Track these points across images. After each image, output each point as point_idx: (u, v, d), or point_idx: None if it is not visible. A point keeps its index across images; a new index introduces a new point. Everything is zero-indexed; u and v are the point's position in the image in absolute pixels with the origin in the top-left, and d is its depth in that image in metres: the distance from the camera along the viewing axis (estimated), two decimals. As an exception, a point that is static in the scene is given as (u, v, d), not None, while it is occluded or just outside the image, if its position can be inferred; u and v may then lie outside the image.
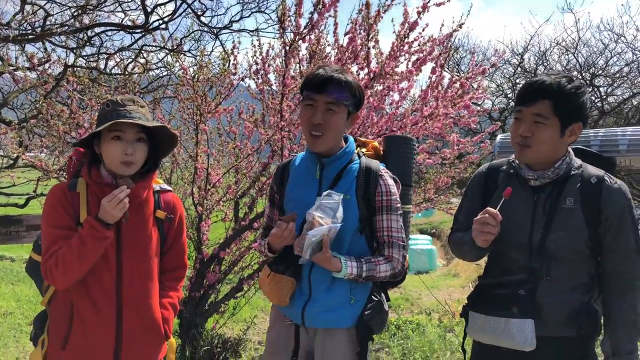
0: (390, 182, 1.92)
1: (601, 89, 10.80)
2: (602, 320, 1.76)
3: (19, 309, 6.00)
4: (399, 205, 1.92)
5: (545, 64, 11.40)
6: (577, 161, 1.80)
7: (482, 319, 1.80)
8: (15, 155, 6.33)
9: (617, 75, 10.73)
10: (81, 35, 6.27)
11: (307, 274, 1.88)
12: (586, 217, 1.71)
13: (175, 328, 4.14)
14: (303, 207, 1.84)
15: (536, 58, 12.23)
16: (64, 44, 5.99)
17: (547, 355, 1.74)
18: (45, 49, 6.00)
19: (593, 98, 10.74)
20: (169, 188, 2.01)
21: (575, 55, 10.85)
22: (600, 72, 10.75)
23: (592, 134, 2.13)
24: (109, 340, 1.78)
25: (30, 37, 5.38)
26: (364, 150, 2.05)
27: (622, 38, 15.18)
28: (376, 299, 1.91)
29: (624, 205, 1.72)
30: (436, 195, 5.64)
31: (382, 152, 2.15)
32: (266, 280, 1.94)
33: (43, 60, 5.55)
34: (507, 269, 1.81)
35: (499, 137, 2.40)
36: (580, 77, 10.61)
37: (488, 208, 1.73)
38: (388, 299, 2.01)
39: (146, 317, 1.85)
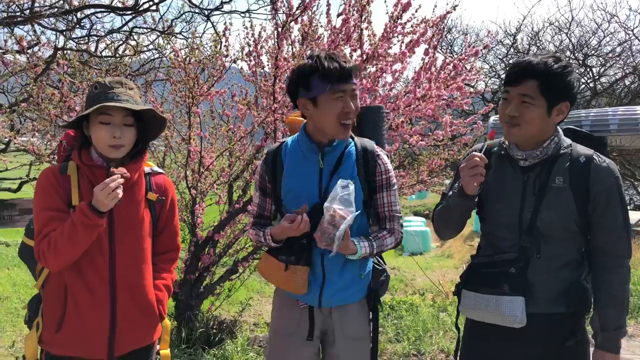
0: (386, 159, 2.00)
1: (594, 69, 10.79)
2: (592, 298, 1.80)
3: (15, 294, 6.02)
4: (394, 180, 2.02)
5: (539, 44, 11.35)
6: (567, 140, 1.82)
7: (474, 296, 1.83)
8: (7, 139, 6.27)
9: (610, 55, 10.70)
10: (70, 17, 6.17)
11: (320, 260, 1.92)
12: (575, 195, 1.74)
13: (171, 310, 4.18)
14: (304, 197, 1.90)
15: (529, 38, 12.18)
16: (53, 26, 5.91)
17: (538, 331, 1.78)
18: (35, 31, 5.92)
19: (585, 79, 10.74)
20: (160, 170, 2.01)
21: (569, 35, 10.81)
22: (592, 52, 10.72)
23: (583, 114, 2.16)
24: (104, 321, 1.80)
25: (18, 19, 5.29)
26: None
27: (615, 17, 15.16)
28: (380, 268, 2.06)
29: (612, 183, 1.74)
30: (429, 178, 5.65)
31: (356, 123, 2.20)
32: (279, 273, 1.93)
33: (32, 43, 5.48)
34: (498, 248, 1.85)
35: (492, 118, 2.44)
36: (572, 57, 10.58)
37: (473, 152, 1.78)
38: (384, 262, 2.14)
39: (140, 298, 1.86)
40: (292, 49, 3.84)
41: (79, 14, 6.22)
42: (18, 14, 5.33)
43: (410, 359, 4.08)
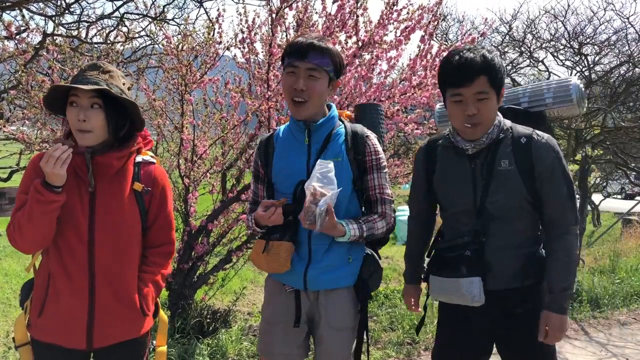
0: (376, 142, 2.00)
1: (589, 58, 10.75)
2: None
3: (7, 284, 5.98)
4: (385, 163, 2.02)
5: (534, 32, 11.29)
6: (507, 122, 1.91)
7: (439, 281, 1.93)
8: (-5, 127, 6.17)
9: (605, 43, 10.67)
10: (59, 3, 6.06)
11: (307, 238, 1.91)
12: (522, 176, 1.83)
13: (164, 300, 4.15)
14: (294, 175, 1.93)
15: (524, 26, 12.13)
16: (42, 11, 5.79)
17: (500, 305, 1.88)
18: (23, 16, 5.80)
19: (580, 67, 10.72)
20: (153, 160, 1.92)
21: (564, 23, 10.74)
22: (588, 40, 10.67)
23: (520, 91, 2.24)
24: (82, 310, 1.75)
25: (6, 4, 5.18)
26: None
27: (612, 5, 15.09)
28: (372, 257, 2.01)
29: (553, 157, 1.84)
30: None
31: (354, 120, 2.20)
32: (262, 255, 1.93)
33: (21, 28, 5.38)
34: (458, 232, 1.94)
35: (438, 106, 2.47)
36: (568, 45, 10.55)
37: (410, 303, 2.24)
38: (379, 257, 2.09)
39: (120, 290, 1.80)
40: (286, 35, 3.79)
41: None
42: (6, -1, 5.21)
43: (405, 348, 4.08)
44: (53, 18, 5.97)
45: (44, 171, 1.65)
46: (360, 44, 3.51)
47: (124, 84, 1.79)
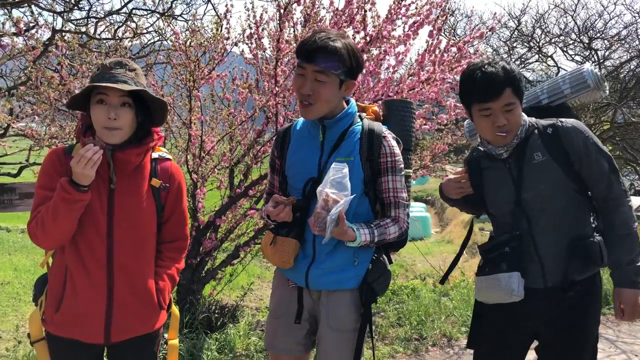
0: (394, 143, 1.92)
1: (599, 52, 10.67)
2: (601, 250, 1.86)
3: (17, 279, 6.04)
4: (402, 166, 1.94)
5: (543, 27, 11.21)
6: (530, 119, 1.93)
7: (481, 280, 1.93)
8: (5, 124, 6.22)
9: (615, 38, 10.57)
10: (68, -1, 6.08)
11: (312, 237, 1.88)
12: (559, 164, 1.84)
13: (172, 295, 4.17)
14: (306, 170, 1.91)
15: (533, 21, 12.03)
16: (51, 8, 5.82)
17: (553, 304, 1.88)
18: (32, 12, 5.82)
19: (590, 62, 10.62)
20: (169, 157, 1.95)
21: (574, 17, 10.66)
22: (598, 35, 10.59)
23: (538, 90, 2.25)
24: (100, 305, 1.77)
25: (16, 0, 5.21)
26: (364, 115, 2.03)
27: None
28: (379, 261, 1.95)
29: (582, 138, 1.84)
30: (432, 163, 5.59)
31: (382, 117, 2.13)
32: (269, 247, 1.94)
33: (30, 25, 5.40)
34: (504, 233, 1.94)
35: (467, 122, 2.47)
36: (578, 40, 10.47)
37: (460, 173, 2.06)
38: (390, 262, 2.04)
39: (138, 285, 1.82)
40: (294, 31, 3.78)
41: (77, -4, 6.13)
42: (15, -5, 5.24)
43: (413, 343, 4.08)
44: (62, 14, 6.00)
45: (73, 171, 1.65)
46: (368, 39, 3.50)
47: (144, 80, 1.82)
